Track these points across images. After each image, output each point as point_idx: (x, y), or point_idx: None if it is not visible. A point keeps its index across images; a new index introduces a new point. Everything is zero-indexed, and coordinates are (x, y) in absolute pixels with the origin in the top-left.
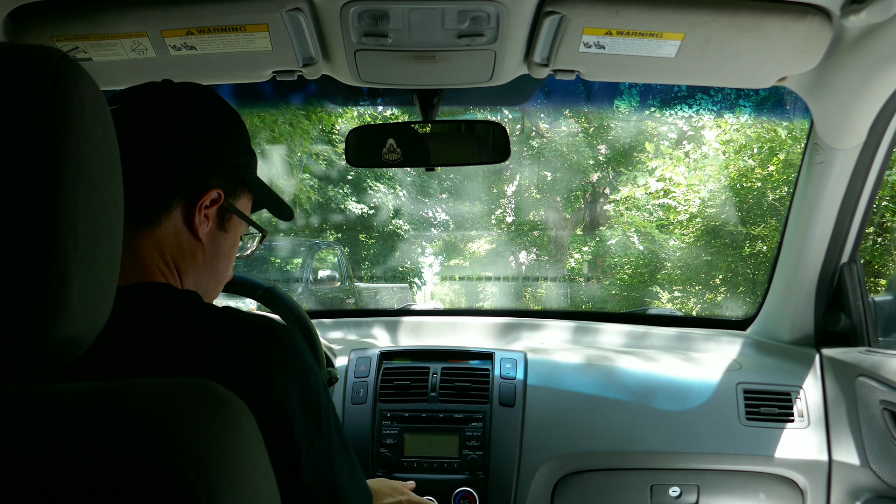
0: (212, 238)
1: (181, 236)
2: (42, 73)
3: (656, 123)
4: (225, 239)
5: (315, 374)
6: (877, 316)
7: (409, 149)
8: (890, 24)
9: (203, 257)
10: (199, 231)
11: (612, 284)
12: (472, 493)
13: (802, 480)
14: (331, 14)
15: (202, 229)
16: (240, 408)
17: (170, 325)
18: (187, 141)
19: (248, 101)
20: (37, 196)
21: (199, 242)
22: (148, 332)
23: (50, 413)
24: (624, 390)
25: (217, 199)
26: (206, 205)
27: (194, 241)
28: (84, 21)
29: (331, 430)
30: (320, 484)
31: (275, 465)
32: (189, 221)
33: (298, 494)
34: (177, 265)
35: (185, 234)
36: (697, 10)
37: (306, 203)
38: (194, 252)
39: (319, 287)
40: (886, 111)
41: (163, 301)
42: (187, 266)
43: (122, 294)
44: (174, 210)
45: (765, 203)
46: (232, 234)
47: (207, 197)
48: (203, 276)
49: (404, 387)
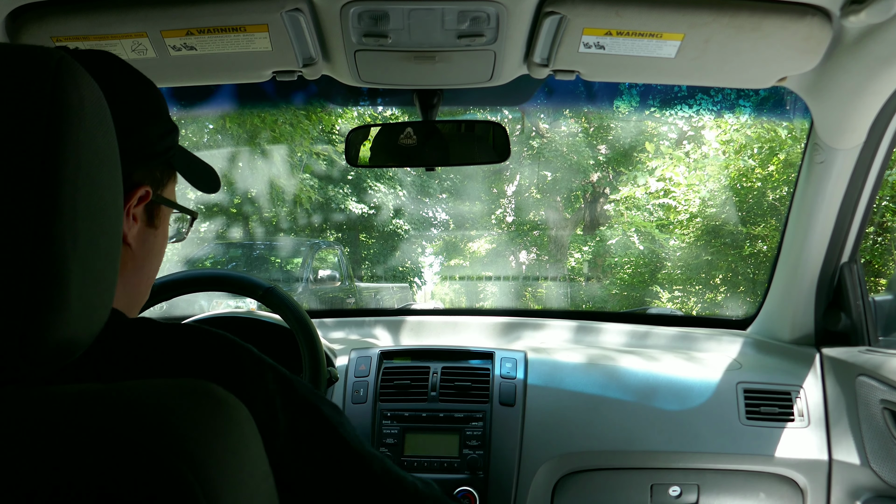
0: (141, 240)
1: None
2: (42, 73)
3: (656, 123)
4: (155, 236)
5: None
6: (877, 315)
7: (410, 149)
8: (890, 24)
9: (133, 263)
10: (127, 237)
11: (612, 284)
12: (472, 492)
13: (802, 480)
14: (331, 14)
15: (130, 234)
16: (238, 409)
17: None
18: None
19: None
20: (36, 196)
21: (128, 247)
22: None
23: (49, 414)
24: (624, 390)
25: (145, 197)
26: (132, 206)
27: (123, 248)
28: (84, 21)
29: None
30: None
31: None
32: None
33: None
34: None
35: None
36: (697, 11)
37: (307, 203)
38: (123, 261)
39: (320, 287)
40: (886, 111)
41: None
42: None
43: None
44: None
45: (765, 203)
46: (162, 229)
47: (134, 197)
48: (132, 284)
49: (404, 386)
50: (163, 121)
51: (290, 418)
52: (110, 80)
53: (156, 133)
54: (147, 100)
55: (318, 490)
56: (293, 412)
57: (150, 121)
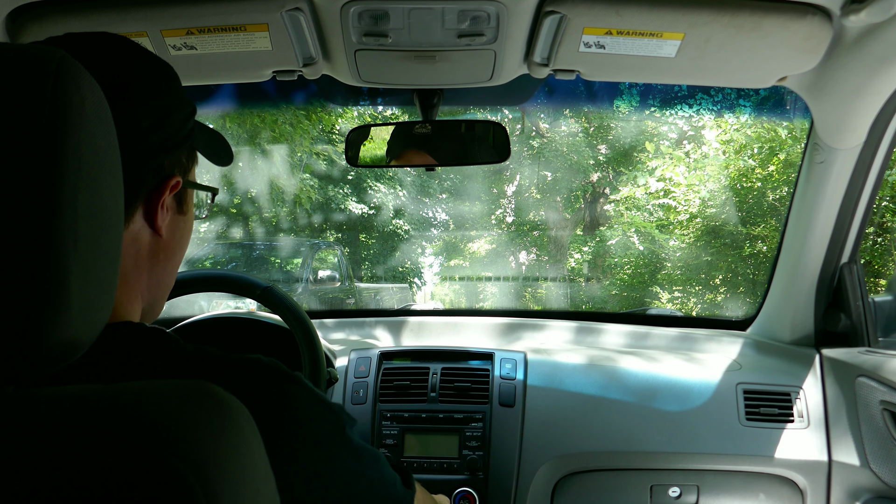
0: (172, 228)
1: (139, 242)
2: (42, 73)
3: (656, 123)
4: (185, 222)
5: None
6: (877, 316)
7: (409, 149)
8: (890, 24)
9: (165, 253)
10: (161, 228)
11: (612, 284)
12: (471, 493)
13: (802, 481)
14: (331, 14)
15: (164, 225)
16: (240, 410)
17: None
18: (135, 131)
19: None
20: (36, 196)
21: (159, 238)
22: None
23: (49, 415)
24: (624, 390)
25: (175, 186)
26: (165, 197)
27: (155, 239)
28: (84, 21)
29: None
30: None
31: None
32: (151, 221)
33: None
34: (127, 278)
35: (146, 237)
36: (697, 10)
37: (307, 203)
38: (155, 252)
39: (320, 287)
40: (886, 111)
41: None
42: (141, 273)
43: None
44: (133, 218)
45: (765, 203)
46: (189, 213)
47: (167, 188)
48: (165, 273)
49: (404, 387)
50: (184, 104)
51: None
52: (136, 72)
53: (180, 119)
54: (172, 86)
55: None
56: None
57: (176, 108)
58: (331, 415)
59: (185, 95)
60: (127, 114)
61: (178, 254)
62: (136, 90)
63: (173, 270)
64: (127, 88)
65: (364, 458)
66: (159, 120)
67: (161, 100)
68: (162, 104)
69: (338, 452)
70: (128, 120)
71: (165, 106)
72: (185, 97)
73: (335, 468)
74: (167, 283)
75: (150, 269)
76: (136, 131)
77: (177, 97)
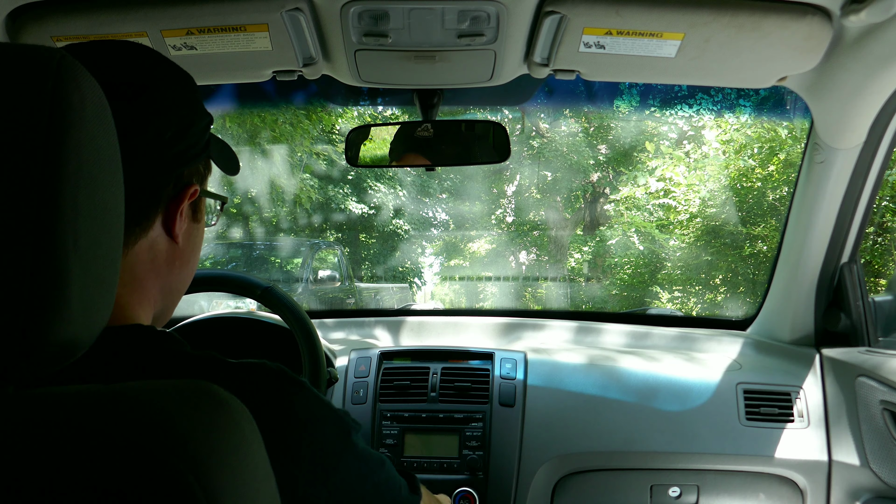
0: (188, 236)
1: (156, 249)
2: (42, 73)
3: (656, 123)
4: (198, 229)
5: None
6: (877, 316)
7: (409, 149)
8: (890, 24)
9: (180, 261)
10: (178, 236)
11: (612, 284)
12: (471, 493)
13: (802, 481)
14: (331, 14)
15: (180, 233)
16: (240, 410)
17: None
18: (158, 141)
19: (248, 100)
20: (37, 196)
21: (175, 245)
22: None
23: (49, 415)
24: (624, 390)
25: (193, 194)
26: (184, 206)
27: (172, 246)
28: (84, 21)
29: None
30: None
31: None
32: (169, 229)
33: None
34: (142, 283)
35: (163, 244)
36: (697, 10)
37: (307, 203)
38: (171, 259)
39: (320, 287)
40: (886, 111)
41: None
42: (156, 279)
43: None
44: (152, 225)
45: (765, 203)
46: (202, 221)
47: (186, 197)
48: (179, 280)
49: (404, 387)
50: (204, 115)
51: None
52: (160, 83)
53: (199, 129)
54: (194, 97)
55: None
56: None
57: (196, 118)
58: (336, 419)
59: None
60: (151, 124)
61: (193, 261)
62: (161, 101)
63: (187, 277)
64: (151, 98)
65: (370, 462)
66: (181, 131)
67: (183, 111)
68: (184, 115)
69: (343, 456)
70: (152, 130)
71: (187, 117)
72: (204, 108)
73: (340, 472)
74: (180, 289)
75: (165, 276)
76: (160, 141)
77: (198, 108)
